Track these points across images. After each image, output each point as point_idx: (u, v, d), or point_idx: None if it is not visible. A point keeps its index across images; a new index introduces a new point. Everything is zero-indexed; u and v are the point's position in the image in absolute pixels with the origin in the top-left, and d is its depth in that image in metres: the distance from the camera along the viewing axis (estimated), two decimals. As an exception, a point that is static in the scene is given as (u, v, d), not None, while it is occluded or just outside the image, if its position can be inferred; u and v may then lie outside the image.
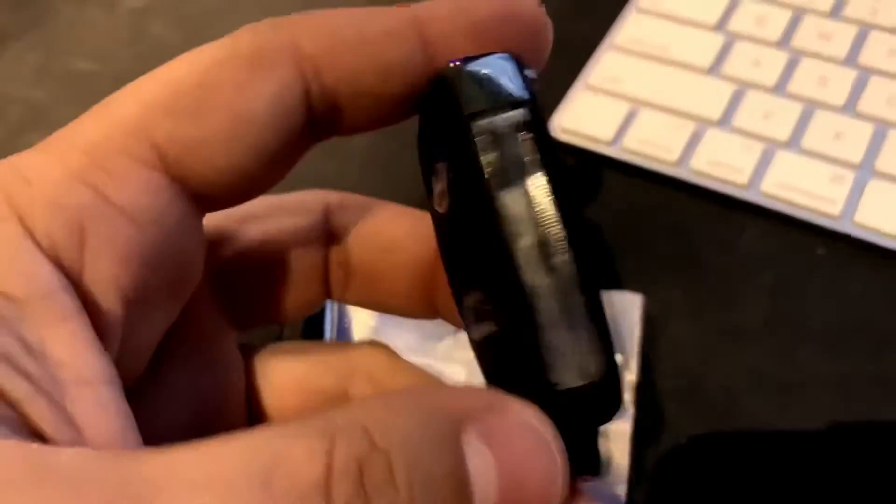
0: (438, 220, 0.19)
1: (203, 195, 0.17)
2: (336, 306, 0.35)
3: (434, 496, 0.14)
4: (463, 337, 0.19)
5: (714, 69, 0.42)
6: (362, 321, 0.36)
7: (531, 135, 0.16)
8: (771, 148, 0.40)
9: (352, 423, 0.14)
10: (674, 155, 0.40)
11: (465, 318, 0.18)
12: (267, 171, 0.18)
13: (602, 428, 0.17)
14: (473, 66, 0.17)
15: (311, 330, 0.35)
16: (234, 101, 0.17)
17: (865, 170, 0.38)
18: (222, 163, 0.17)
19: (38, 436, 0.14)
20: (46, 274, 0.15)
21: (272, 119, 0.17)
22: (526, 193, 0.16)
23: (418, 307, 0.22)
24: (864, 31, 0.43)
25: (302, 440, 0.13)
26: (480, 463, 0.14)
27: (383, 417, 0.14)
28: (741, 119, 0.41)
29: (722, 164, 0.39)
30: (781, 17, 0.44)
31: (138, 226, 0.16)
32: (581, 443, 0.16)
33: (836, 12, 0.44)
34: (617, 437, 0.32)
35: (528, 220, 0.16)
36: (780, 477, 0.32)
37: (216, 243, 0.21)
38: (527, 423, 0.15)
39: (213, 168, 0.17)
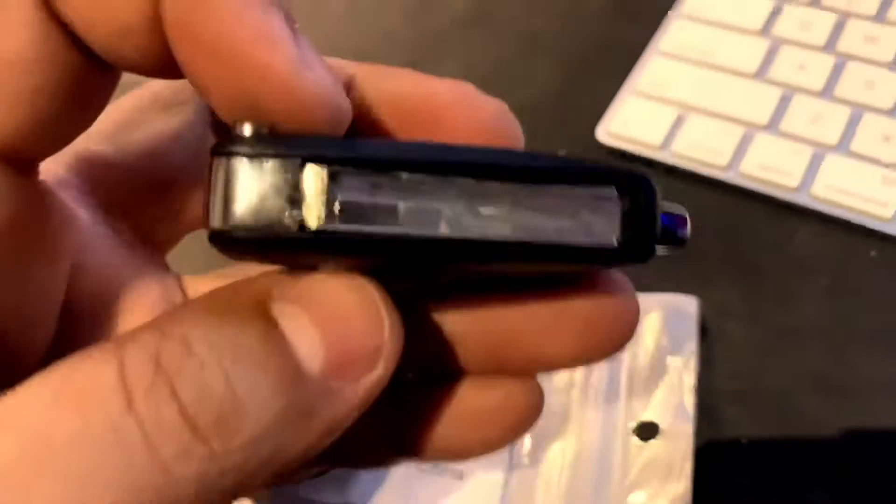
0: None
1: (11, 157, 0.16)
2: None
3: (249, 361, 0.14)
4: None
5: (760, 74, 0.43)
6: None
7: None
8: (820, 151, 0.40)
9: (142, 329, 0.14)
10: (724, 159, 0.40)
11: None
12: (66, 112, 0.16)
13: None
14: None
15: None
16: None
17: (916, 172, 0.39)
18: (10, 118, 0.15)
19: None
20: None
21: (36, 58, 0.15)
22: None
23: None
24: (909, 34, 0.43)
25: (89, 356, 0.14)
26: (297, 324, 0.15)
27: (178, 313, 0.14)
28: (789, 123, 0.41)
29: (772, 168, 0.40)
30: (826, 21, 0.44)
31: None
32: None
33: (880, 15, 0.44)
34: (678, 439, 0.32)
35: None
36: (838, 479, 0.32)
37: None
38: (341, 283, 0.15)
39: (5, 127, 0.16)
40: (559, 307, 0.18)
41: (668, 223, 0.17)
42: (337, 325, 0.15)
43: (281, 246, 0.15)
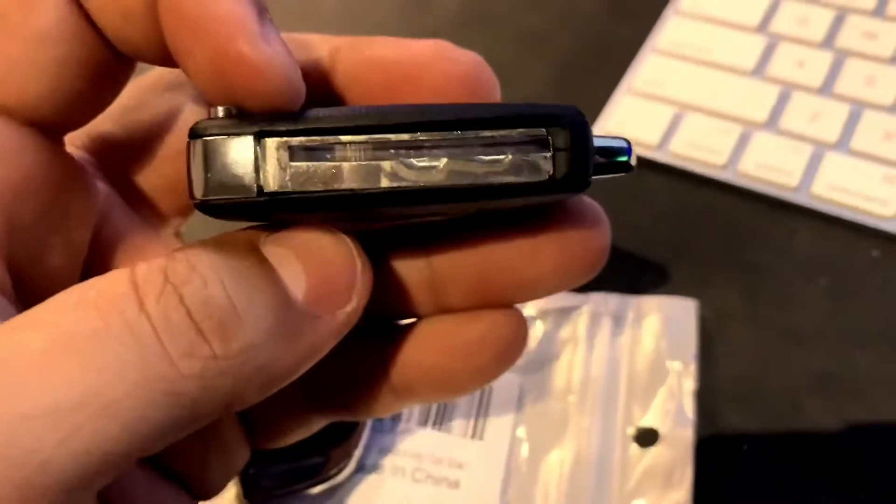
0: None
1: (42, 124, 0.19)
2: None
3: (245, 282, 0.17)
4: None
5: (758, 71, 0.42)
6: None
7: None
8: (820, 149, 0.39)
9: (152, 258, 0.17)
10: (722, 158, 0.39)
11: None
12: (87, 89, 0.19)
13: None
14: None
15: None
16: (23, 25, 0.18)
17: (917, 170, 0.38)
18: (36, 85, 0.18)
19: None
20: None
21: (62, 34, 0.18)
22: None
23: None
24: (908, 29, 0.43)
25: (105, 275, 0.16)
26: (285, 260, 0.17)
27: (183, 247, 0.17)
28: (788, 121, 0.40)
29: (771, 167, 0.39)
30: (824, 17, 0.44)
31: None
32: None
33: (879, 10, 0.43)
34: (678, 445, 0.32)
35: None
36: (842, 484, 0.31)
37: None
38: (319, 231, 0.18)
39: (30, 94, 0.18)
40: (535, 235, 0.20)
41: (608, 151, 0.19)
42: (317, 263, 0.18)
43: (249, 208, 0.17)
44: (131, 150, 0.22)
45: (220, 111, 0.17)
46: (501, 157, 0.18)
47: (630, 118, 0.42)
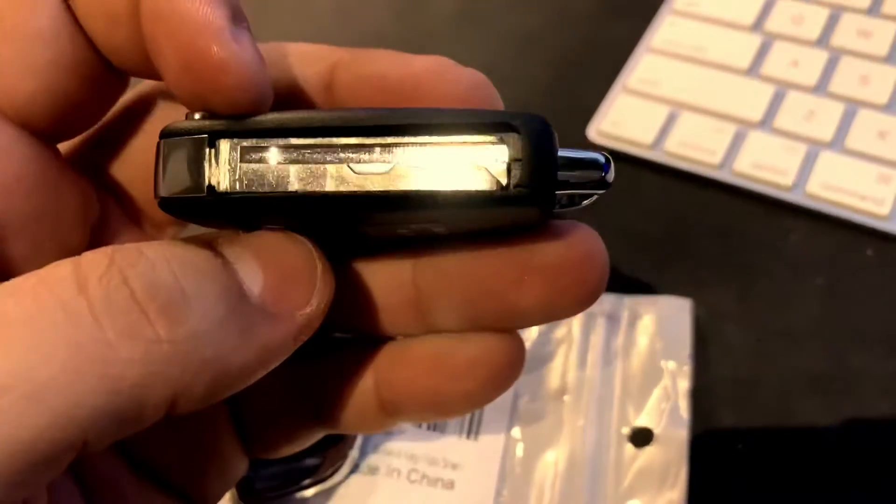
0: None
1: (34, 126, 0.19)
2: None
3: (196, 269, 0.16)
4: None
5: (753, 70, 0.42)
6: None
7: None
8: (814, 149, 0.39)
9: (99, 248, 0.16)
10: (716, 157, 0.39)
11: None
12: (79, 94, 0.19)
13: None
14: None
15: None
16: (17, 26, 0.18)
17: (911, 169, 0.38)
18: (28, 85, 0.18)
19: None
20: None
21: (55, 37, 0.18)
22: None
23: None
24: (903, 28, 0.43)
25: (50, 265, 0.16)
26: (240, 256, 0.17)
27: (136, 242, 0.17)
28: (783, 120, 0.40)
29: (765, 166, 0.39)
30: (819, 16, 0.43)
31: None
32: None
33: (874, 9, 0.43)
34: (672, 445, 0.32)
35: None
36: (837, 479, 0.31)
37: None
38: (279, 234, 0.18)
39: (21, 94, 0.18)
40: (523, 259, 0.19)
41: (578, 163, 0.18)
42: (275, 261, 0.18)
43: (202, 207, 0.17)
44: (127, 161, 0.22)
45: (197, 116, 0.17)
46: (451, 164, 0.17)
47: (625, 117, 0.41)
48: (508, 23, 0.48)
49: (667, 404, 0.33)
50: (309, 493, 0.31)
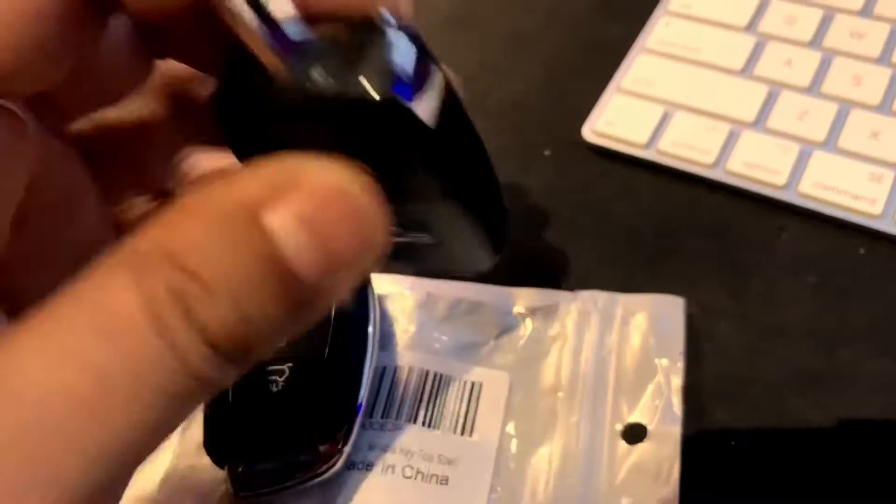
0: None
1: None
2: (377, 305, 0.35)
3: (250, 282, 0.15)
4: (504, 342, 0.19)
5: (746, 70, 0.42)
6: (402, 327, 0.36)
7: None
8: (807, 148, 0.39)
9: (153, 249, 0.16)
10: (710, 157, 0.40)
11: None
12: (54, 44, 0.17)
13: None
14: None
15: (353, 337, 0.34)
16: None
17: (904, 168, 0.38)
18: None
19: None
20: None
21: None
22: None
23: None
24: None
25: (112, 282, 0.15)
26: (289, 234, 0.15)
27: (179, 233, 0.16)
28: (776, 120, 0.41)
29: (758, 166, 0.39)
30: (812, 17, 0.44)
31: None
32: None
33: (867, 10, 0.44)
34: (665, 441, 0.32)
35: None
36: (829, 476, 0.32)
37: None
38: (328, 184, 0.16)
39: None
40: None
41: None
42: (331, 231, 0.16)
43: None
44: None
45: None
46: None
47: (619, 117, 0.42)
48: (503, 23, 0.48)
49: (660, 401, 0.33)
50: (303, 488, 0.31)
